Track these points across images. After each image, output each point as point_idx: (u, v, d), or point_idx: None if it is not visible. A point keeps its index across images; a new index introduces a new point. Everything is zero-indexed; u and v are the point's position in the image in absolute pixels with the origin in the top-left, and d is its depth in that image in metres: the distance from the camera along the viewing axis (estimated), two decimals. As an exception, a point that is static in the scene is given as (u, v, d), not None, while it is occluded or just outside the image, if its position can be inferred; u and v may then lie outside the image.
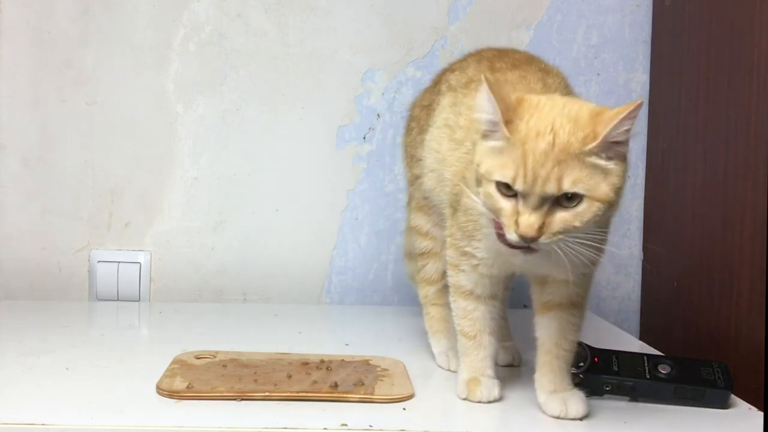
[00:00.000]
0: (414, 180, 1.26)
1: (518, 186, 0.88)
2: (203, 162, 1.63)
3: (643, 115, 1.64)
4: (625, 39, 1.65)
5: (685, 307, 1.42)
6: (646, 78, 1.65)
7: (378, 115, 1.64)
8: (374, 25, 1.63)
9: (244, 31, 1.62)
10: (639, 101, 0.88)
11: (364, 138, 1.64)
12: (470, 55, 1.24)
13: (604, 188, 0.88)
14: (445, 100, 1.17)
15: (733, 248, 1.26)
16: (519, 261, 0.97)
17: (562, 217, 0.88)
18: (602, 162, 0.88)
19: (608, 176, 0.89)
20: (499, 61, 1.14)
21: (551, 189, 0.87)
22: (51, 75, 1.59)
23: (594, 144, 0.87)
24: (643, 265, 1.65)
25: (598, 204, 0.88)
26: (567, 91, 1.09)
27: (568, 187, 0.87)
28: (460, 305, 1.07)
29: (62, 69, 1.59)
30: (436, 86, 1.26)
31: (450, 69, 1.25)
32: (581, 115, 0.89)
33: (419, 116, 1.26)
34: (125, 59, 1.60)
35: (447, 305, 1.16)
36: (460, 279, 1.06)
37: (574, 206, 0.88)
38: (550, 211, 0.88)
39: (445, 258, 1.11)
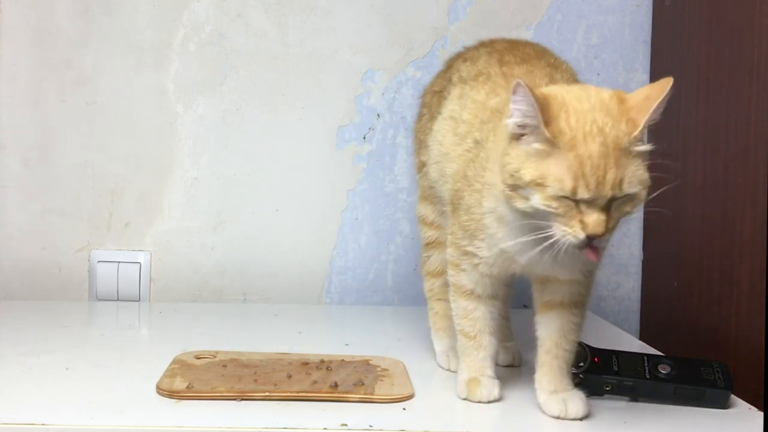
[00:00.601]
0: (421, 167, 1.25)
1: (582, 195, 0.86)
2: (203, 162, 1.63)
3: (643, 115, 1.64)
4: (625, 39, 1.65)
5: (685, 307, 1.42)
6: (646, 78, 1.64)
7: (378, 115, 1.64)
8: (374, 25, 1.63)
9: (244, 31, 1.62)
10: (667, 80, 0.89)
11: (364, 138, 1.64)
12: (482, 45, 1.22)
13: (644, 173, 0.90)
14: (455, 92, 1.15)
15: (733, 248, 1.26)
16: (524, 260, 0.97)
17: (619, 209, 0.90)
18: (639, 147, 0.89)
19: (643, 159, 0.90)
20: (508, 54, 1.13)
21: (617, 193, 0.87)
22: (51, 75, 1.59)
23: (636, 132, 0.88)
24: (643, 265, 1.65)
25: (644, 190, 0.90)
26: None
27: (627, 188, 0.88)
28: (460, 305, 1.07)
29: (62, 69, 1.59)
30: (447, 72, 1.24)
31: (462, 57, 1.22)
32: (611, 106, 0.90)
33: (430, 102, 1.25)
34: (125, 59, 1.60)
35: None
36: (460, 278, 1.06)
37: (628, 196, 0.89)
38: (609, 205, 0.89)
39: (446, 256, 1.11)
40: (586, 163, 0.86)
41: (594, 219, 0.87)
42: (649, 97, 0.89)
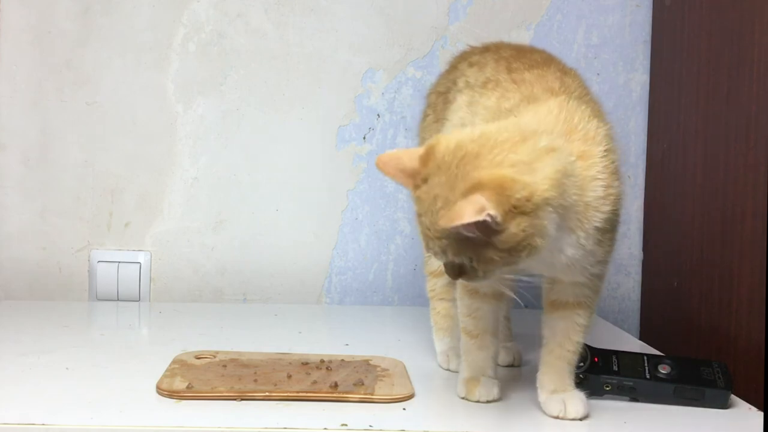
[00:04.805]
0: None
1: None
2: (203, 162, 1.63)
3: (643, 115, 1.65)
4: (625, 39, 1.65)
5: (685, 307, 1.42)
6: (646, 78, 1.65)
7: (378, 115, 1.64)
8: (374, 25, 1.63)
9: (244, 31, 1.62)
10: (483, 217, 0.81)
11: (364, 138, 1.64)
12: (489, 50, 1.21)
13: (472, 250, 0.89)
14: (462, 98, 1.14)
15: (733, 248, 1.26)
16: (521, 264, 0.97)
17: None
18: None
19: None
20: (516, 61, 1.12)
21: (441, 258, 0.92)
22: (51, 75, 1.59)
23: (436, 227, 0.87)
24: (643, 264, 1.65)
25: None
26: (584, 91, 1.07)
27: (451, 257, 0.90)
28: (465, 302, 1.07)
29: (62, 69, 1.59)
30: (452, 74, 1.23)
31: (469, 61, 1.21)
32: (453, 194, 0.86)
33: (435, 102, 1.25)
34: (125, 59, 1.60)
35: (454, 300, 1.15)
36: None
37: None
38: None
39: None
40: (422, 229, 0.90)
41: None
42: (451, 216, 0.83)
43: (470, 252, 0.87)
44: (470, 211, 0.81)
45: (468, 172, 0.86)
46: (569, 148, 0.92)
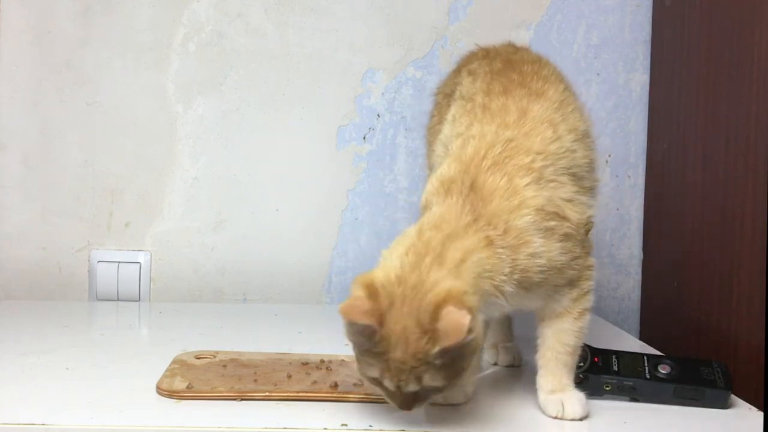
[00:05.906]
0: (430, 169, 1.24)
1: (387, 386, 0.91)
2: (203, 162, 1.63)
3: (643, 115, 1.65)
4: (625, 39, 1.65)
5: (685, 307, 1.42)
6: (646, 78, 1.65)
7: (378, 115, 1.64)
8: (374, 25, 1.63)
9: (244, 31, 1.62)
10: (459, 330, 0.86)
11: (364, 138, 1.64)
12: (488, 56, 1.19)
13: (446, 370, 0.90)
14: (452, 110, 1.13)
15: (733, 249, 1.26)
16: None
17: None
18: (441, 360, 0.89)
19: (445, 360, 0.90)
20: (497, 81, 1.09)
21: (412, 388, 0.90)
22: (51, 75, 1.59)
23: (434, 352, 0.88)
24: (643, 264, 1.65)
25: (447, 384, 0.91)
26: (554, 116, 1.04)
27: (426, 382, 0.90)
28: None
29: (62, 69, 1.59)
30: (457, 76, 1.22)
31: (468, 68, 1.20)
32: (423, 318, 0.88)
33: (441, 103, 1.24)
34: (125, 59, 1.60)
35: None
36: None
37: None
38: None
39: None
40: (391, 365, 0.89)
41: (396, 401, 0.92)
42: (449, 334, 0.87)
43: (445, 369, 0.89)
44: (460, 320, 0.85)
45: (425, 296, 0.89)
46: (474, 243, 0.94)
